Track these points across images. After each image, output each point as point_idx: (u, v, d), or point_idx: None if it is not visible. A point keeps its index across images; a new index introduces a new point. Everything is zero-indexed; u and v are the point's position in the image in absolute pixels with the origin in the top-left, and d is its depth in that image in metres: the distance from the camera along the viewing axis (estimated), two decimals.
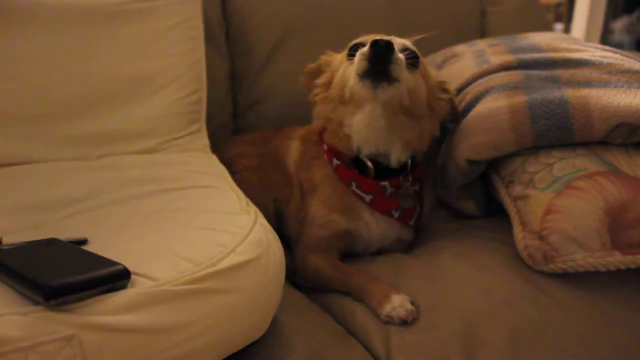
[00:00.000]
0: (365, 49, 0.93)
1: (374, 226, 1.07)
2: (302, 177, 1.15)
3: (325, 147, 1.10)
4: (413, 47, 1.02)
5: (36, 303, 0.59)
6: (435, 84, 1.07)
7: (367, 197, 1.04)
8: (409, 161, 1.06)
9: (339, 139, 1.05)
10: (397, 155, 1.03)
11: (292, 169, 1.19)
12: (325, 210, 1.07)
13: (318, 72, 1.11)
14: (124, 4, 1.27)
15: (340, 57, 1.08)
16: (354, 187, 1.04)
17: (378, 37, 0.92)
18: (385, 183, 1.03)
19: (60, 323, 0.57)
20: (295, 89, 1.21)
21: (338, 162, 1.07)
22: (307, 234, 1.10)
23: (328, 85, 1.07)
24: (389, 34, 0.97)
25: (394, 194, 1.05)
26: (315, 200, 1.10)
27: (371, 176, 1.04)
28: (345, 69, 1.01)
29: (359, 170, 1.05)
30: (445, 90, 1.09)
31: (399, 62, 0.93)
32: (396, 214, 1.06)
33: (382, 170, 1.04)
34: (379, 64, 0.92)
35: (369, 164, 1.03)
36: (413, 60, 0.99)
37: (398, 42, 1.00)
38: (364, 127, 1.00)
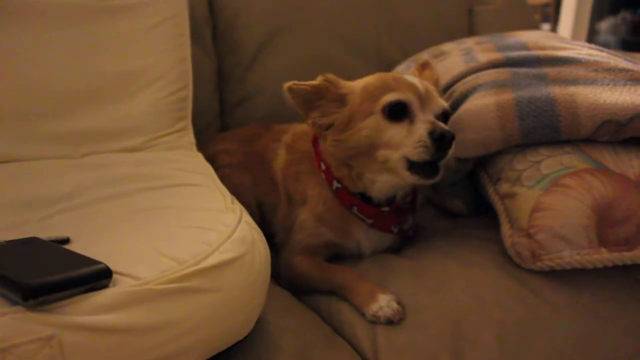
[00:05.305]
0: (425, 136, 0.88)
1: (365, 243, 1.06)
2: (290, 189, 1.12)
3: (324, 167, 1.04)
4: (447, 106, 0.99)
5: (15, 303, 0.57)
6: None
7: (369, 221, 1.03)
8: None
9: (353, 183, 1.01)
10: (404, 194, 1.04)
11: (278, 176, 1.16)
12: (317, 223, 1.06)
13: (316, 93, 0.98)
14: (108, 0, 1.25)
15: (360, 93, 0.97)
16: (354, 211, 1.03)
17: (432, 119, 0.91)
18: (387, 208, 1.03)
19: (39, 323, 0.56)
20: (283, 87, 1.20)
21: (339, 186, 1.03)
22: (296, 239, 1.08)
23: (344, 125, 0.96)
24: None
25: (392, 212, 1.04)
26: (306, 211, 1.07)
27: (375, 204, 1.02)
28: (379, 125, 0.93)
29: (361, 197, 1.02)
30: None
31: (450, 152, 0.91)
32: (395, 229, 1.05)
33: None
34: (437, 156, 0.90)
35: (378, 200, 1.02)
36: (446, 121, 0.98)
37: (439, 104, 0.97)
38: (390, 187, 1.00)
